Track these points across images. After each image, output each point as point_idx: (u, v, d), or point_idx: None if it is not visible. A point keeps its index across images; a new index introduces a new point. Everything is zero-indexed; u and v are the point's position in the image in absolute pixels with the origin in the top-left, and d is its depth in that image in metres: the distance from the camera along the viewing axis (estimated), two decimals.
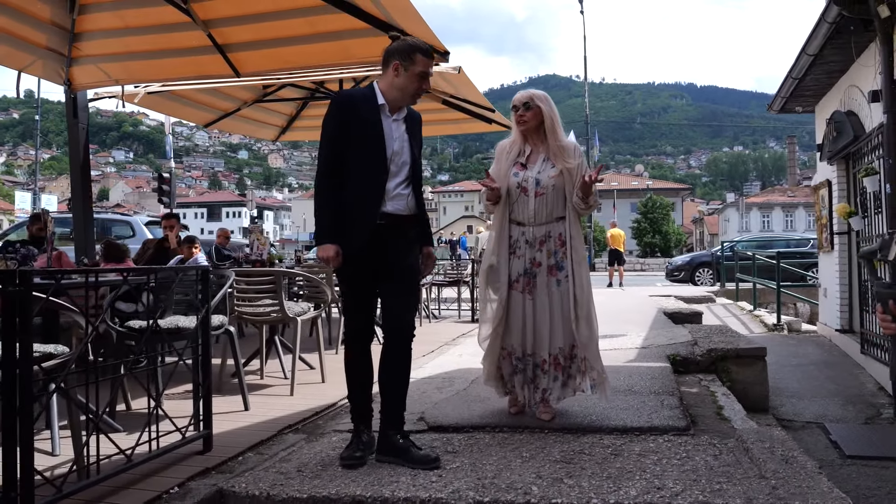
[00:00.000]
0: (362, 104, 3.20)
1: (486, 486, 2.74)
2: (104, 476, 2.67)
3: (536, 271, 3.80)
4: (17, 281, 2.26)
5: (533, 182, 3.79)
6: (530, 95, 3.88)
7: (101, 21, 6.28)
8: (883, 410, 6.15)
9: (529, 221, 3.82)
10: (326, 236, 3.15)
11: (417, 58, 3.19)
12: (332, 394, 4.64)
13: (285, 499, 2.73)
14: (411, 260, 3.37)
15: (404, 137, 3.28)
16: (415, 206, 3.34)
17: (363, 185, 3.17)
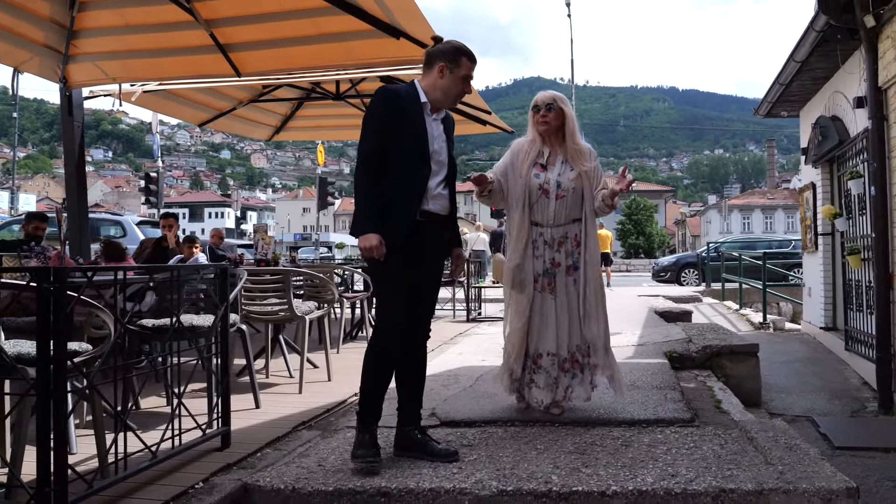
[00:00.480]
0: (407, 101, 3.19)
1: (506, 475, 2.84)
2: (131, 472, 2.73)
3: (556, 271, 3.84)
4: (51, 278, 2.32)
5: (554, 184, 3.80)
6: (553, 97, 3.88)
7: (100, 19, 6.31)
8: (868, 404, 6.33)
9: (548, 223, 3.84)
10: (370, 226, 3.09)
11: (463, 61, 3.21)
12: (340, 391, 4.72)
13: (311, 492, 2.81)
14: (441, 262, 3.42)
15: (443, 137, 3.29)
16: (450, 208, 3.34)
17: (406, 180, 3.15)
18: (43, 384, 2.30)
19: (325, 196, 20.25)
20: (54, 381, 2.31)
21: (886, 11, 5.81)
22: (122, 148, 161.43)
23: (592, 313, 3.83)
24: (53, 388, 2.30)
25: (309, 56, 6.53)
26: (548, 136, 3.87)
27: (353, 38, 6.19)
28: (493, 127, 9.72)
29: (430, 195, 3.20)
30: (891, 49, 5.86)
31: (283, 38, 6.36)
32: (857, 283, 7.42)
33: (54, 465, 2.30)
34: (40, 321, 2.29)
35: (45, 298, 2.30)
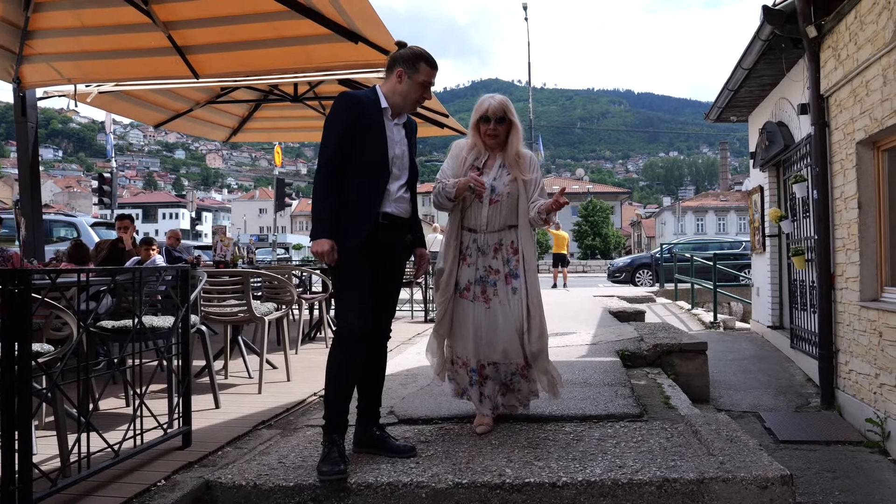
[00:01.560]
0: (368, 105, 3.21)
1: (462, 469, 2.95)
2: (93, 471, 2.77)
3: (496, 279, 3.70)
4: (16, 280, 2.35)
5: (488, 189, 3.65)
6: (504, 108, 3.66)
7: (56, 19, 6.25)
8: (811, 399, 6.59)
9: (482, 228, 3.70)
10: (324, 231, 3.11)
11: (422, 67, 3.23)
12: (300, 391, 4.78)
13: (272, 488, 2.88)
14: (402, 264, 3.47)
15: (404, 142, 3.33)
16: (411, 211, 3.39)
17: (366, 185, 3.18)
18: (8, 384, 2.33)
19: (282, 197, 20.14)
20: (19, 381, 2.34)
21: (827, 23, 6.06)
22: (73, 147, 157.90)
23: (535, 325, 3.67)
24: (19, 389, 2.33)
25: (267, 59, 6.55)
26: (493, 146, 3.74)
27: (311, 42, 6.24)
28: (451, 129, 9.82)
29: (392, 198, 3.24)
30: (831, 59, 6.11)
31: (242, 41, 6.38)
32: (801, 283, 7.70)
33: (19, 464, 2.34)
34: (4, 323, 2.32)
35: (10, 300, 2.33)
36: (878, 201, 5.59)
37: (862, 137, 5.54)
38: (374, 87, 3.34)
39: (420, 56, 3.26)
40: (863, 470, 4.80)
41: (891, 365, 5.03)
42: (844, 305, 6.05)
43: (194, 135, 11.36)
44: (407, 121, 3.40)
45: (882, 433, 5.12)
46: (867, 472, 4.76)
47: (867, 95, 5.41)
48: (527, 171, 3.71)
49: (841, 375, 6.17)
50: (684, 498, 2.74)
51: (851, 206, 5.79)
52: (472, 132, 3.73)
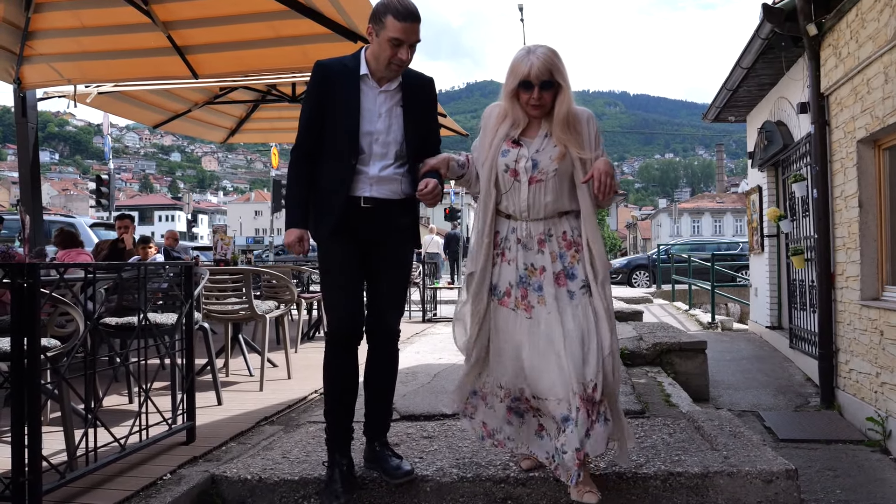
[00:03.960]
0: (339, 74, 2.83)
1: (466, 464, 2.96)
2: (100, 464, 2.77)
3: (539, 281, 2.82)
4: (25, 275, 2.36)
5: (528, 164, 2.81)
6: (550, 67, 2.75)
7: (56, 20, 6.25)
8: (810, 399, 6.60)
9: (522, 215, 2.85)
10: (290, 221, 2.88)
11: (388, 21, 2.72)
12: (300, 388, 4.78)
13: (277, 481, 2.88)
14: (401, 251, 3.00)
15: (395, 112, 2.87)
16: (410, 191, 2.92)
17: (335, 166, 2.84)
18: (17, 378, 2.33)
19: (279, 198, 20.12)
20: (28, 375, 2.34)
21: (828, 21, 6.08)
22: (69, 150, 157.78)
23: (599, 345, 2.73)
24: (28, 382, 2.34)
25: (267, 59, 6.55)
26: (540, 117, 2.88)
27: (311, 42, 6.24)
28: (448, 130, 9.84)
29: (374, 179, 2.85)
30: (832, 57, 6.14)
31: (241, 41, 6.37)
32: (800, 282, 7.73)
33: (29, 457, 2.34)
34: (14, 317, 2.32)
35: (20, 294, 2.34)
36: (879, 200, 5.61)
37: (863, 136, 5.56)
38: (359, 50, 2.93)
39: (387, 6, 2.74)
40: (864, 469, 4.81)
41: (892, 364, 5.04)
42: (845, 305, 6.07)
43: (192, 136, 11.36)
44: (406, 83, 2.90)
45: (883, 432, 5.14)
46: (868, 471, 4.77)
47: (868, 93, 5.43)
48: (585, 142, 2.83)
49: (841, 375, 6.18)
50: (689, 492, 2.75)
51: (852, 204, 5.81)
52: (508, 100, 2.85)
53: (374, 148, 2.86)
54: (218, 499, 2.88)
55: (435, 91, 3.07)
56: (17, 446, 2.34)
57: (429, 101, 3.02)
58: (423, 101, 2.99)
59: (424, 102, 2.99)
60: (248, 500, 2.87)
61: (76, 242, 5.67)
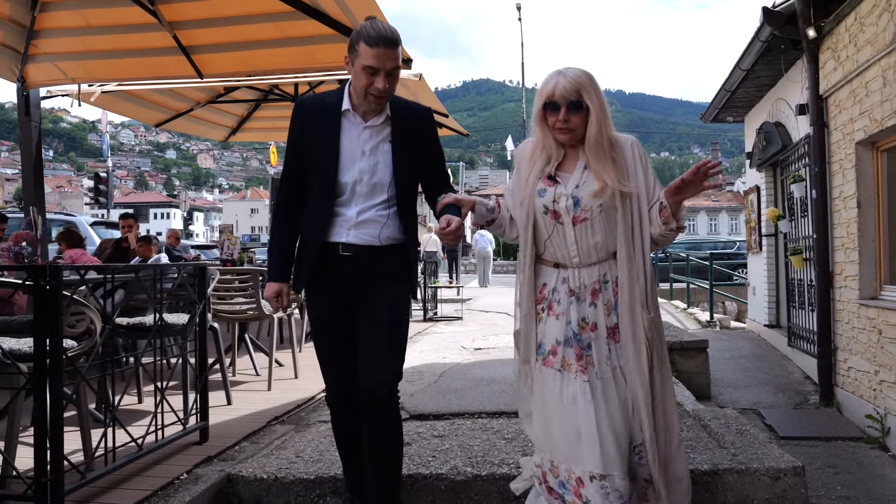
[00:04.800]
0: (320, 111, 2.65)
1: (479, 462, 3.01)
2: (119, 464, 2.82)
3: (590, 337, 2.48)
4: (47, 277, 2.40)
5: (567, 201, 2.50)
6: (578, 87, 2.49)
7: (62, 19, 6.26)
8: (810, 397, 6.67)
9: (572, 262, 2.53)
10: (269, 272, 2.71)
11: (360, 47, 2.49)
12: (308, 388, 4.84)
13: (293, 480, 2.93)
14: (388, 303, 2.66)
15: (382, 149, 2.63)
16: (397, 234, 2.66)
17: (313, 211, 2.63)
18: (40, 379, 2.37)
19: None
20: (51, 375, 2.38)
21: (827, 24, 6.14)
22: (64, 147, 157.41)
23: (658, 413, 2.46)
24: (51, 383, 2.38)
25: (272, 59, 6.58)
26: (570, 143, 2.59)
27: (316, 42, 6.27)
28: (450, 130, 9.88)
29: (352, 223, 2.61)
30: (831, 60, 6.20)
31: (247, 41, 6.40)
32: (799, 282, 7.79)
33: (51, 457, 2.38)
34: (37, 318, 2.36)
35: (41, 296, 2.38)
36: (877, 201, 5.67)
37: (861, 137, 5.62)
38: (344, 84, 2.69)
39: (360, 33, 2.53)
40: (863, 465, 4.88)
41: (890, 362, 5.11)
42: (843, 304, 6.13)
43: (194, 135, 11.39)
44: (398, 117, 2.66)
45: (882, 429, 5.20)
46: (868, 468, 4.83)
47: (867, 96, 5.49)
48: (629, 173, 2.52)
49: (840, 373, 6.25)
50: (700, 489, 2.81)
51: (850, 205, 5.87)
52: (539, 127, 2.58)
53: (357, 188, 2.61)
54: (234, 498, 2.93)
55: (433, 123, 2.80)
56: (39, 447, 2.38)
57: (425, 134, 2.73)
58: (417, 136, 2.69)
59: (419, 137, 2.70)
60: (265, 499, 2.92)
61: (80, 242, 5.70)
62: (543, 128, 2.55)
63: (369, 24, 2.53)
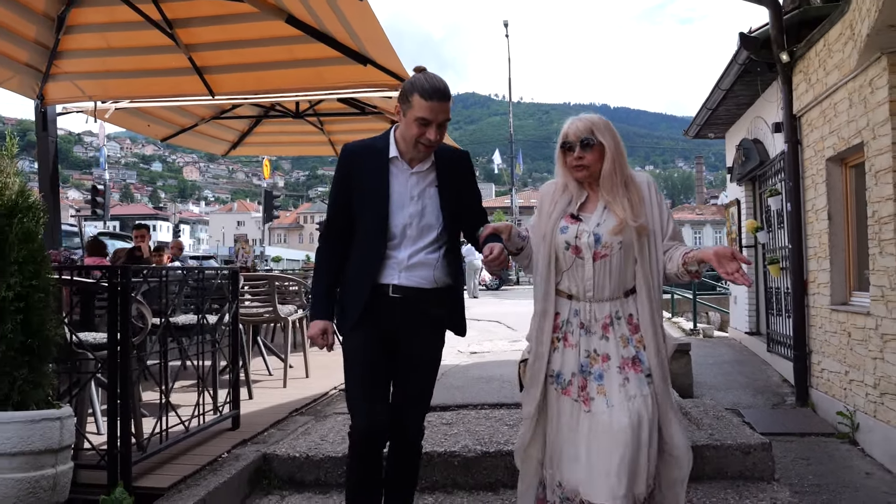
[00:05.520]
0: (368, 157, 2.73)
1: (486, 442, 3.41)
2: (171, 443, 3.20)
3: (601, 370, 2.61)
4: (120, 277, 2.78)
5: (590, 239, 2.64)
6: (590, 127, 2.69)
7: (84, 41, 6.61)
8: (787, 398, 7.09)
9: (586, 295, 2.66)
10: (315, 312, 2.75)
11: (414, 99, 2.58)
12: (320, 385, 5.23)
13: (322, 458, 3.32)
14: (430, 345, 2.80)
15: (430, 194, 2.73)
16: (446, 276, 2.76)
17: (363, 253, 2.71)
18: (113, 365, 2.74)
19: (270, 209, 20.56)
20: (122, 361, 2.76)
21: (799, 49, 6.62)
22: None
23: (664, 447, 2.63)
24: (122, 368, 2.75)
25: (280, 79, 6.95)
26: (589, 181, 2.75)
27: (322, 64, 6.65)
28: None
29: (403, 266, 2.70)
30: (803, 82, 6.67)
31: (258, 63, 6.77)
32: (776, 290, 8.23)
33: (121, 433, 2.75)
34: (111, 312, 2.74)
35: (114, 294, 2.75)
36: (846, 213, 6.13)
37: (831, 154, 6.07)
38: (388, 130, 2.80)
39: (413, 84, 2.62)
40: (834, 458, 5.29)
41: (858, 363, 5.53)
42: (817, 309, 6.57)
43: (197, 148, 11.74)
44: (442, 162, 2.77)
45: (851, 425, 5.62)
46: (838, 460, 5.25)
47: (835, 116, 5.95)
48: (644, 210, 2.68)
49: (814, 374, 6.68)
50: None
51: (822, 217, 6.33)
52: (559, 166, 2.79)
53: (407, 232, 2.70)
54: (270, 474, 3.31)
55: (472, 165, 2.94)
56: (112, 425, 2.75)
57: (465, 177, 2.88)
58: (459, 179, 2.83)
59: (460, 180, 2.84)
60: (297, 475, 3.30)
61: (103, 251, 6.06)
62: (563, 168, 2.76)
63: (423, 77, 2.63)
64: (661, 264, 2.67)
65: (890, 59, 4.85)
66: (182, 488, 2.87)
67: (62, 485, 2.43)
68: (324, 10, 5.58)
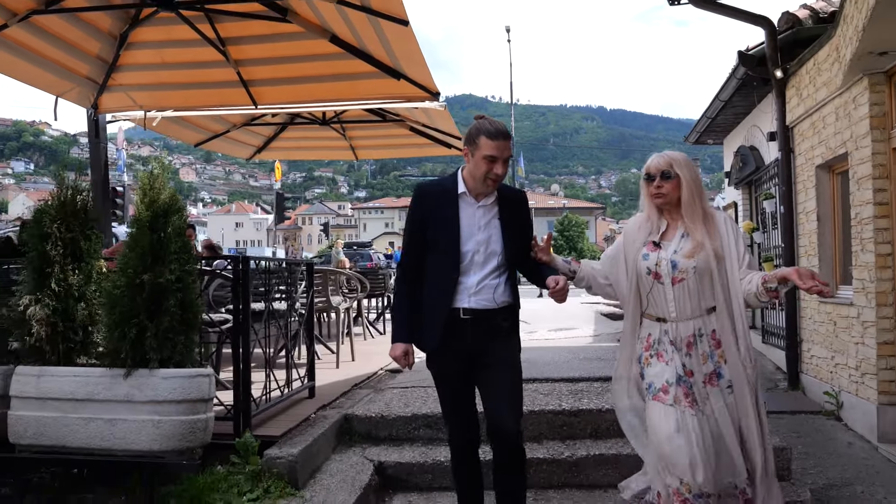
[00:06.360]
0: (439, 195, 3.13)
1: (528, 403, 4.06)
2: (273, 403, 3.87)
3: (691, 381, 3.00)
4: (241, 264, 3.44)
5: (668, 265, 3.03)
6: (669, 161, 3.11)
7: (141, 56, 7.22)
8: (779, 384, 7.77)
9: (671, 316, 3.04)
10: (396, 335, 3.11)
11: (481, 141, 3.02)
12: (367, 367, 5.92)
13: (394, 417, 4.00)
14: (507, 353, 3.15)
15: (494, 225, 3.13)
16: (509, 297, 3.15)
17: (436, 282, 3.08)
18: (237, 334, 3.41)
19: (282, 210, 21.19)
20: (243, 333, 3.42)
21: (792, 67, 7.29)
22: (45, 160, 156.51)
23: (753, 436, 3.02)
24: (243, 338, 3.42)
25: (318, 91, 7.56)
26: (666, 208, 3.16)
27: (358, 78, 7.24)
28: (458, 150, 10.90)
29: (472, 291, 3.07)
30: (795, 97, 7.34)
31: (299, 76, 7.40)
32: None
33: (243, 391, 3.42)
34: (235, 292, 3.40)
35: (237, 278, 3.42)
36: (833, 215, 6.80)
37: (820, 162, 6.74)
38: (456, 171, 3.23)
39: (479, 129, 3.06)
40: (821, 431, 5.97)
41: (843, 348, 6.21)
42: (807, 302, 7.25)
43: (224, 153, 12.31)
44: (502, 197, 3.19)
45: (836, 403, 6.29)
46: (824, 433, 5.92)
47: (824, 128, 6.62)
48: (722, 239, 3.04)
49: (804, 361, 7.36)
50: None
51: (812, 219, 7.00)
52: (643, 197, 3.22)
53: (475, 259, 3.07)
54: (351, 430, 4.00)
55: (528, 202, 3.34)
56: (237, 384, 3.42)
57: (523, 211, 3.28)
58: (518, 213, 3.23)
59: (518, 213, 3.23)
60: (373, 432, 3.97)
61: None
62: (646, 197, 3.18)
63: (486, 121, 3.09)
64: (739, 287, 2.96)
65: (871, 79, 5.52)
66: (290, 437, 3.56)
67: (209, 428, 3.10)
68: (367, 32, 6.21)
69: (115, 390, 2.95)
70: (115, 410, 2.95)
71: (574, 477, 3.94)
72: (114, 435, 2.94)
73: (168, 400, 2.93)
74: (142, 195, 3.20)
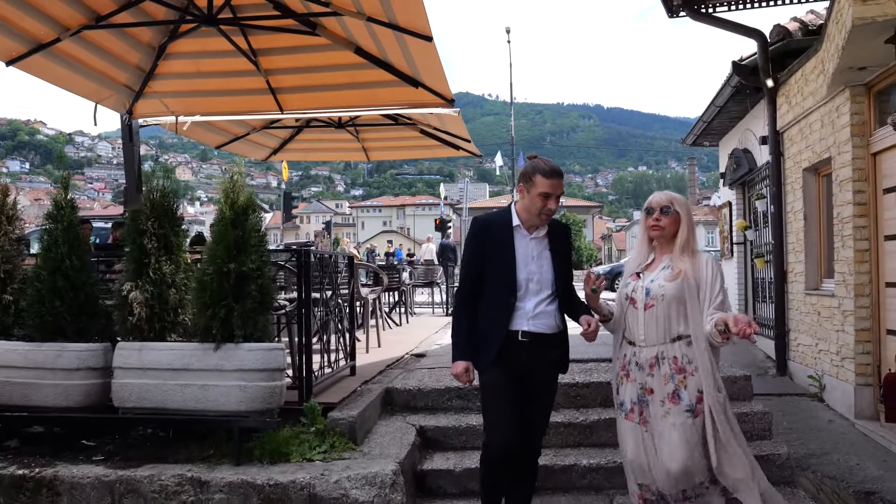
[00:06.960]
0: (496, 227, 3.39)
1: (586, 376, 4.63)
2: (326, 377, 4.45)
3: (648, 399, 3.31)
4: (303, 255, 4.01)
5: (642, 291, 3.34)
6: (670, 199, 3.42)
7: (178, 66, 7.72)
8: (769, 371, 8.33)
9: (640, 341, 3.34)
10: (457, 354, 3.38)
11: (537, 179, 3.29)
12: (394, 352, 6.49)
13: (429, 390, 4.59)
14: (549, 380, 3.49)
15: (545, 255, 3.38)
16: (560, 324, 3.41)
17: (495, 304, 3.31)
18: (301, 315, 3.98)
19: (289, 209, 21.72)
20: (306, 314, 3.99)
21: (782, 77, 7.85)
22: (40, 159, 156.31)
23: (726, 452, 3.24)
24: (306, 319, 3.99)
25: (341, 98, 8.05)
26: (659, 242, 3.48)
27: (379, 86, 7.72)
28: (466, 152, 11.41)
29: (529, 315, 3.33)
30: (784, 104, 7.91)
31: (323, 84, 7.92)
32: (761, 280, 9.46)
33: (305, 365, 3.99)
34: (299, 278, 3.97)
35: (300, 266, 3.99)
36: (819, 214, 7.36)
37: (807, 165, 7.31)
38: (509, 205, 3.50)
39: (535, 168, 3.32)
40: (804, 410, 6.54)
41: (825, 336, 6.78)
42: (794, 294, 7.82)
43: (242, 154, 12.79)
44: (551, 229, 3.46)
45: (819, 386, 6.87)
46: (807, 412, 6.49)
47: (811, 134, 7.18)
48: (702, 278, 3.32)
49: (791, 349, 7.93)
50: None
51: (799, 217, 7.57)
52: (641, 228, 3.56)
53: (530, 286, 3.33)
54: (392, 401, 4.59)
55: (571, 234, 3.67)
56: (300, 357, 3.99)
57: (567, 244, 3.58)
58: (564, 245, 3.53)
59: (565, 245, 3.53)
60: (411, 402, 4.56)
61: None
62: (644, 228, 3.49)
63: (541, 161, 3.40)
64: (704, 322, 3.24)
65: (852, 91, 6.07)
66: (345, 404, 4.15)
67: (283, 393, 3.70)
68: (391, 45, 6.73)
69: (206, 361, 3.53)
70: (208, 378, 3.54)
71: (587, 438, 4.66)
72: (206, 398, 3.53)
73: (252, 369, 3.51)
74: (224, 197, 3.77)
